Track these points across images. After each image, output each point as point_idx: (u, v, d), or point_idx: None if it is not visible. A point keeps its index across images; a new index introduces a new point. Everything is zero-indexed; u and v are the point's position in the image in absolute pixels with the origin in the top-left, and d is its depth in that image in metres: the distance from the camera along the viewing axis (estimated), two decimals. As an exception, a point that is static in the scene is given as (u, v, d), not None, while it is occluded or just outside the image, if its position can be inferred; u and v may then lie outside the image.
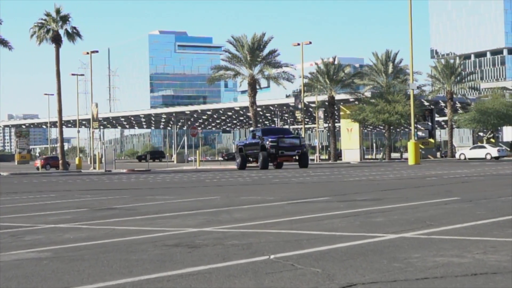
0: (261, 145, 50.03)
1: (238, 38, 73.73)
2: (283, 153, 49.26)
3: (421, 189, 19.87)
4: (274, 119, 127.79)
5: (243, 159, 52.71)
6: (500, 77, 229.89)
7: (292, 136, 52.05)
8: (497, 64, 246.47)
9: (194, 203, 17.09)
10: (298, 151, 49.93)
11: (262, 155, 48.87)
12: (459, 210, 12.87)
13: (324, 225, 11.09)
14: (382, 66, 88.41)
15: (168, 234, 10.63)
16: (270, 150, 48.95)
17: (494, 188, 19.44)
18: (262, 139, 50.28)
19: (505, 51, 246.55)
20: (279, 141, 49.28)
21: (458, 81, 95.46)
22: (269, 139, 49.33)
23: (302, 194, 19.52)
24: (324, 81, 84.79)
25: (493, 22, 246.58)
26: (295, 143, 50.24)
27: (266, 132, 52.62)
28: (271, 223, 11.60)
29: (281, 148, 49.16)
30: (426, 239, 9.04)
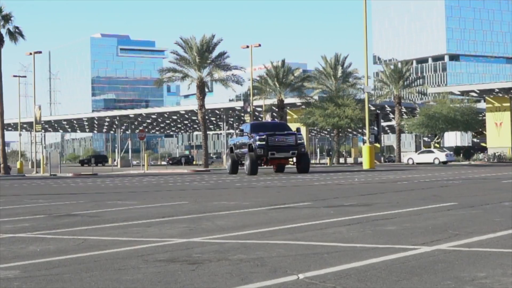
0: (248, 145, 41.10)
1: (186, 39, 71.94)
2: (274, 155, 39.94)
3: (404, 194, 18.55)
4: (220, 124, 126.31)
5: (234, 162, 43.83)
6: (441, 83, 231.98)
7: (286, 133, 40.99)
8: (439, 70, 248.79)
9: (163, 209, 15.49)
10: (294, 151, 40.08)
11: (250, 158, 39.76)
12: (472, 217, 11.53)
13: (331, 234, 9.63)
14: (331, 70, 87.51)
15: (153, 246, 9.06)
16: (257, 151, 39.69)
17: (481, 192, 18.23)
18: (250, 137, 41.03)
19: (447, 57, 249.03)
20: (269, 140, 39.79)
21: (406, 86, 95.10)
22: (257, 137, 39.91)
23: (277, 199, 18.05)
24: (274, 84, 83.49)
25: (435, 28, 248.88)
26: (290, 142, 40.14)
27: (256, 128, 42.75)
28: (267, 233, 10.12)
29: (271, 148, 39.80)
30: (471, 252, 7.63)
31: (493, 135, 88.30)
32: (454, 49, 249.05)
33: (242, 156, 42.36)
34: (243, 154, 41.90)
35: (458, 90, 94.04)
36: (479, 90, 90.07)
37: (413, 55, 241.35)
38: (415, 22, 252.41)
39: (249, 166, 39.51)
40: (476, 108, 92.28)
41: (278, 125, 45.17)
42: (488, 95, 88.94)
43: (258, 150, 39.60)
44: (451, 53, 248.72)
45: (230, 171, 43.54)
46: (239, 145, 43.04)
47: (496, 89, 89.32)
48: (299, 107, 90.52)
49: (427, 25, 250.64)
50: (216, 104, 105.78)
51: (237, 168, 43.58)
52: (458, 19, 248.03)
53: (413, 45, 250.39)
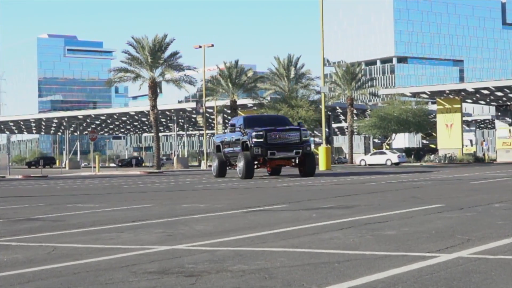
0: (242, 142, 34.23)
1: (138, 39, 70.67)
2: (274, 155, 33.08)
3: (379, 195, 17.79)
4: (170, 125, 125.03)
5: (222, 163, 37.18)
6: (389, 85, 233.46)
7: (288, 128, 33.96)
8: (387, 72, 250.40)
9: (130, 212, 14.50)
10: (298, 151, 33.12)
11: (244, 158, 32.92)
12: (471, 220, 10.79)
13: (330, 240, 8.79)
14: (284, 71, 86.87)
15: (135, 254, 8.11)
16: (254, 149, 32.90)
17: (458, 193, 17.56)
18: (244, 132, 34.10)
19: (395, 59, 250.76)
20: (268, 136, 32.98)
21: (358, 87, 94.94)
22: (253, 133, 33.05)
23: (248, 201, 17.18)
24: (227, 85, 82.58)
25: (383, 31, 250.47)
26: (293, 139, 33.30)
27: (251, 121, 35.57)
28: (256, 239, 9.25)
29: (271, 146, 32.94)
30: (500, 260, 6.85)
31: (443, 137, 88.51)
32: (402, 52, 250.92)
33: (232, 156, 35.96)
34: (234, 154, 35.44)
35: (410, 92, 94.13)
36: (430, 91, 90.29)
37: (362, 57, 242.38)
38: (364, 24, 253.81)
39: (244, 168, 32.78)
40: (427, 110, 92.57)
41: (277, 119, 38.14)
42: (439, 97, 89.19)
43: (255, 149, 32.83)
44: (399, 55, 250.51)
45: (217, 174, 37.15)
46: (229, 142, 36.36)
47: (447, 91, 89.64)
48: (251, 108, 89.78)
49: (375, 28, 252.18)
50: (167, 105, 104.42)
51: (225, 170, 37.40)
52: (406, 21, 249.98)
53: (362, 48, 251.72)
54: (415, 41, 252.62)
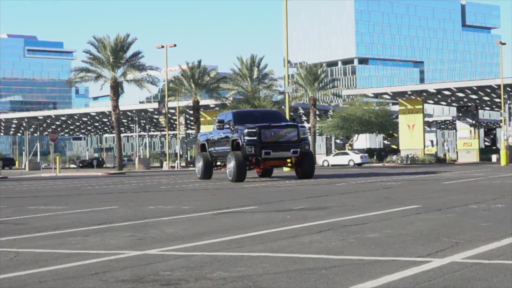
0: (232, 141, 30.46)
1: (100, 39, 69.71)
2: (269, 154, 29.41)
3: (352, 196, 17.38)
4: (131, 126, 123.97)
5: (208, 164, 33.51)
6: (351, 86, 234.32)
7: (285, 125, 30.22)
8: (348, 73, 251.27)
9: (96, 214, 13.92)
10: (296, 150, 29.50)
11: (235, 158, 29.13)
12: (453, 222, 10.40)
13: (311, 244, 8.33)
14: (247, 71, 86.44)
15: (104, 260, 7.57)
16: (247, 149, 29.17)
17: (432, 193, 17.20)
18: (234, 130, 30.33)
19: (356, 60, 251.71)
20: (262, 133, 29.35)
21: (321, 88, 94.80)
22: (245, 130, 29.31)
23: (216, 202, 16.68)
24: (189, 85, 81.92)
25: (344, 32, 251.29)
26: (290, 137, 29.65)
27: (241, 117, 31.63)
28: (232, 242, 8.76)
29: (266, 145, 29.29)
30: (496, 265, 6.45)
31: (405, 137, 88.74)
32: (363, 53, 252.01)
33: (220, 156, 32.45)
34: (222, 154, 31.80)
35: (372, 93, 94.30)
36: (392, 92, 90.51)
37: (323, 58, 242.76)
38: (325, 25, 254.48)
39: (235, 170, 28.97)
40: (389, 111, 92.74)
41: (270, 114, 33.91)
42: (401, 98, 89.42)
43: (248, 148, 29.08)
44: (361, 56, 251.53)
45: (202, 176, 33.56)
46: (217, 141, 32.59)
47: (409, 92, 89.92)
48: (213, 109, 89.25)
49: (337, 29, 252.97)
50: (129, 105, 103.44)
51: (211, 172, 33.85)
52: (367, 23, 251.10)
53: (323, 49, 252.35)
54: (376, 42, 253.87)
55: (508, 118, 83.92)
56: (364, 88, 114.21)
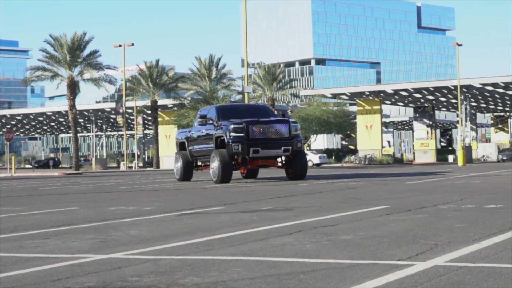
0: (215, 138, 27.54)
1: (57, 37, 68.79)
2: (257, 153, 26.63)
3: (317, 196, 17.08)
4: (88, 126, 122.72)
5: (188, 164, 30.55)
6: (308, 86, 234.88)
7: (275, 120, 27.47)
8: (306, 74, 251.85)
9: (54, 216, 13.43)
10: (287, 148, 26.81)
11: (220, 157, 26.47)
12: (426, 223, 10.13)
13: (283, 247, 7.97)
14: (206, 71, 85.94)
15: (67, 265, 7.14)
16: (233, 146, 26.39)
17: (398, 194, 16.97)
18: (218, 126, 27.52)
19: (313, 61, 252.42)
20: (250, 129, 26.52)
21: (279, 88, 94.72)
22: (231, 126, 26.54)
23: (179, 203, 16.27)
24: (147, 85, 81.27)
25: (302, 33, 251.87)
26: (281, 133, 26.84)
27: (226, 112, 28.89)
28: (200, 245, 8.38)
29: (254, 142, 26.49)
30: (482, 269, 6.14)
31: (363, 138, 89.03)
32: (320, 54, 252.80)
33: (202, 155, 29.59)
34: (204, 152, 28.98)
35: (330, 93, 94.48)
36: (350, 93, 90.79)
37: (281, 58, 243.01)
38: (283, 26, 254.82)
39: (220, 170, 26.36)
40: (347, 111, 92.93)
41: (258, 108, 30.71)
42: (359, 98, 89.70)
43: (234, 145, 26.31)
44: (318, 57, 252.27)
45: (181, 177, 30.59)
46: (198, 138, 29.56)
47: (367, 92, 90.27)
48: (171, 109, 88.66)
49: (294, 30, 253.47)
50: (86, 105, 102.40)
51: (191, 172, 30.98)
52: (324, 24, 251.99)
53: (281, 49, 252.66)
54: (333, 43, 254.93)
55: (464, 118, 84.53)
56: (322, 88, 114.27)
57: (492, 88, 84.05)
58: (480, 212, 11.28)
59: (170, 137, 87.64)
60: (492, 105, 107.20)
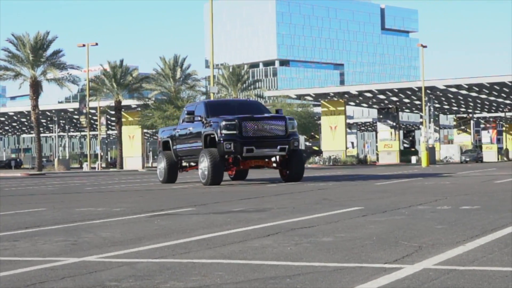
0: (204, 136, 25.45)
1: (19, 36, 68.00)
2: (251, 152, 24.63)
3: (288, 197, 16.88)
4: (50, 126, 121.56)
5: (172, 164, 28.32)
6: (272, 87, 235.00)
7: (270, 117, 25.43)
8: (270, 75, 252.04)
9: (21, 217, 13.06)
10: (283, 147, 24.79)
11: (210, 157, 24.34)
12: (405, 224, 9.95)
13: (264, 249, 7.73)
14: (170, 71, 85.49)
15: (40, 269, 6.82)
16: (225, 145, 24.36)
17: (370, 195, 16.81)
18: (207, 123, 25.38)
19: (277, 62, 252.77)
20: (243, 127, 24.54)
21: (244, 89, 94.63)
22: (223, 123, 24.47)
23: (148, 204, 15.98)
24: (111, 85, 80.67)
25: (266, 34, 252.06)
26: (276, 131, 24.87)
27: (215, 108, 26.60)
28: (177, 247, 8.11)
29: (248, 140, 24.50)
30: (474, 272, 5.94)
31: (328, 139, 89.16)
32: (284, 55, 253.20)
33: (188, 155, 27.44)
34: (191, 152, 26.82)
35: (295, 94, 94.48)
36: (315, 94, 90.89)
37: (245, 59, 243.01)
38: (247, 27, 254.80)
39: (210, 171, 24.23)
40: (312, 112, 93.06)
41: (249, 104, 28.61)
42: (323, 99, 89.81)
43: (226, 144, 24.26)
44: (282, 58, 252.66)
45: (165, 178, 28.28)
46: (185, 137, 27.37)
47: (331, 93, 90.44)
48: (135, 109, 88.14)
49: (258, 31, 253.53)
50: (48, 105, 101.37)
51: (176, 174, 28.73)
52: (289, 25, 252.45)
53: (245, 50, 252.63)
54: (297, 44, 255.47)
55: (428, 120, 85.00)
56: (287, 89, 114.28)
57: (456, 89, 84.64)
58: (457, 214, 11.14)
59: (134, 137, 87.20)
60: (455, 106, 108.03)
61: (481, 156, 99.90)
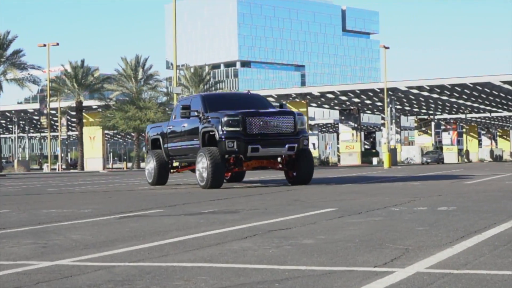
0: (202, 133, 22.66)
1: (-23, 36, 67.11)
2: (257, 151, 21.89)
3: (257, 198, 16.59)
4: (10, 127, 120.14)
5: (162, 165, 25.67)
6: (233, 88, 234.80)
7: (278, 112, 22.87)
8: (231, 76, 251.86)
9: (-15, 220, 12.65)
10: (292, 145, 22.07)
11: (210, 157, 21.58)
12: (385, 226, 9.72)
13: (245, 252, 7.44)
14: (132, 72, 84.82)
15: (11, 273, 6.47)
16: (227, 144, 21.56)
17: (343, 196, 16.60)
18: (205, 119, 22.62)
19: (238, 63, 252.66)
20: (248, 123, 21.79)
21: (206, 90, 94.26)
22: (225, 118, 21.69)
23: (116, 205, 15.59)
24: (72, 85, 79.81)
25: (227, 35, 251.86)
26: (284, 128, 22.16)
27: (215, 103, 23.76)
28: (153, 250, 7.80)
29: (253, 139, 21.82)
30: (471, 277, 5.73)
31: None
32: (245, 56, 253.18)
33: (182, 154, 24.70)
34: (186, 151, 24.14)
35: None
36: (277, 95, 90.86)
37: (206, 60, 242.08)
38: (208, 28, 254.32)
39: (210, 172, 21.45)
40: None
41: (251, 98, 25.12)
42: (285, 100, 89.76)
43: (228, 142, 21.45)
44: (243, 59, 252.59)
45: (155, 180, 25.68)
46: (177, 134, 24.66)
47: (293, 94, 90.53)
48: (96, 110, 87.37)
49: (219, 32, 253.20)
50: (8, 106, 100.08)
51: (166, 175, 26.16)
52: (250, 26, 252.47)
53: (206, 51, 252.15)
54: (259, 45, 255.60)
55: (390, 121, 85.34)
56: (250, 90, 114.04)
57: (417, 91, 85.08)
58: (435, 215, 10.95)
59: (95, 138, 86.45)
60: (416, 108, 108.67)
61: (442, 157, 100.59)
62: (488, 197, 15.02)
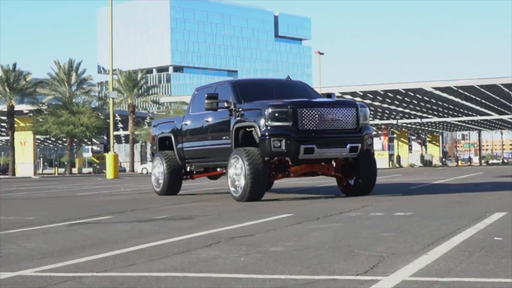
0: (235, 129, 17.11)
1: None
2: (311, 152, 16.16)
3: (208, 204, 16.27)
4: None
5: (175, 170, 20.61)
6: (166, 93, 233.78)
7: (336, 102, 17.19)
8: (163, 81, 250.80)
9: None
10: (355, 145, 16.44)
11: (249, 161, 16.11)
12: (349, 232, 9.56)
13: (214, 260, 7.18)
14: (65, 76, 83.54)
15: (-28, 285, 6.13)
16: (273, 143, 15.93)
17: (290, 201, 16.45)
18: (237, 111, 17.07)
19: (171, 68, 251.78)
20: (300, 116, 16.16)
21: (140, 95, 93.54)
22: (269, 110, 16.06)
23: (62, 212, 15.15)
24: (4, 90, 78.26)
25: (160, 40, 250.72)
26: (345, 123, 16.51)
27: (248, 91, 18.11)
28: (118, 260, 7.49)
29: (306, 137, 16.21)
30: (456, 285, 5.58)
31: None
32: (178, 61, 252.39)
33: (203, 157, 19.59)
34: (211, 153, 18.89)
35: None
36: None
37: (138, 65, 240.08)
38: (141, 32, 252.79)
39: (250, 181, 16.16)
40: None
41: (292, 86, 19.40)
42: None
43: (274, 141, 16.02)
44: (176, 64, 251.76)
45: (164, 189, 20.79)
46: (198, 131, 19.45)
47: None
48: (27, 114, 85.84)
49: (152, 36, 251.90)
50: None
51: (179, 183, 21.16)
52: (183, 31, 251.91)
53: (139, 56, 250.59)
54: (191, 50, 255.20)
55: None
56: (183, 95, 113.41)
57: (351, 97, 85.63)
58: (395, 220, 10.82)
59: (25, 143, 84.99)
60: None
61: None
62: (440, 202, 15.00)
